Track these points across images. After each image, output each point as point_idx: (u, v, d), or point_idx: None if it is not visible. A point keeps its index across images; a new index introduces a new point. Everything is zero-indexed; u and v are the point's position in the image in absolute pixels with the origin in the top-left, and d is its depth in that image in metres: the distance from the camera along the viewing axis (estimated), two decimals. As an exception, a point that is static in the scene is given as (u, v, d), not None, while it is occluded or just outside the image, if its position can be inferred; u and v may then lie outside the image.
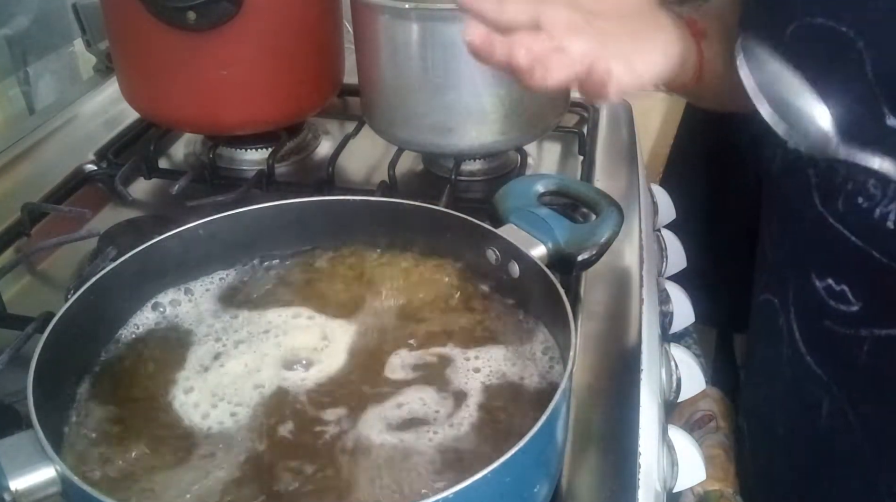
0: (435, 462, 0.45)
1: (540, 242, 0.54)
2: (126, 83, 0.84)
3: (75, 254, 0.72)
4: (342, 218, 0.60)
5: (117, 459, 0.45)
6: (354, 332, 0.54)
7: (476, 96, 0.74)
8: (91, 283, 0.51)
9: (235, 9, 0.74)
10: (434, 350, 0.52)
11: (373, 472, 0.44)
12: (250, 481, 0.44)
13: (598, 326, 0.64)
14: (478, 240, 0.56)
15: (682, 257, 0.81)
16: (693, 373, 0.65)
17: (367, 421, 0.47)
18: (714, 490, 0.77)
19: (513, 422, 0.47)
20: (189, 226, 0.56)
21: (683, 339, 0.93)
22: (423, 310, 0.56)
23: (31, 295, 0.69)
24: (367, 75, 0.79)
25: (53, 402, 0.47)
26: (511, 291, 0.56)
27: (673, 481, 0.57)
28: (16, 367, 0.56)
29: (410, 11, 0.72)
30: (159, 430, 0.47)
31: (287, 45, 0.79)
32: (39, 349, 0.45)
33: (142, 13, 0.73)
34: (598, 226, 0.56)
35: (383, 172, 0.80)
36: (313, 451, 0.46)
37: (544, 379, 0.50)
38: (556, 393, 0.42)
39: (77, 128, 0.94)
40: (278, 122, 0.85)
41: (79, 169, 0.85)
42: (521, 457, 0.39)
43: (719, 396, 0.87)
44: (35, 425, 0.41)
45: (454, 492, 0.37)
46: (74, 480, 0.39)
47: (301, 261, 0.60)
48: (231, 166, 0.87)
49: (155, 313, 0.56)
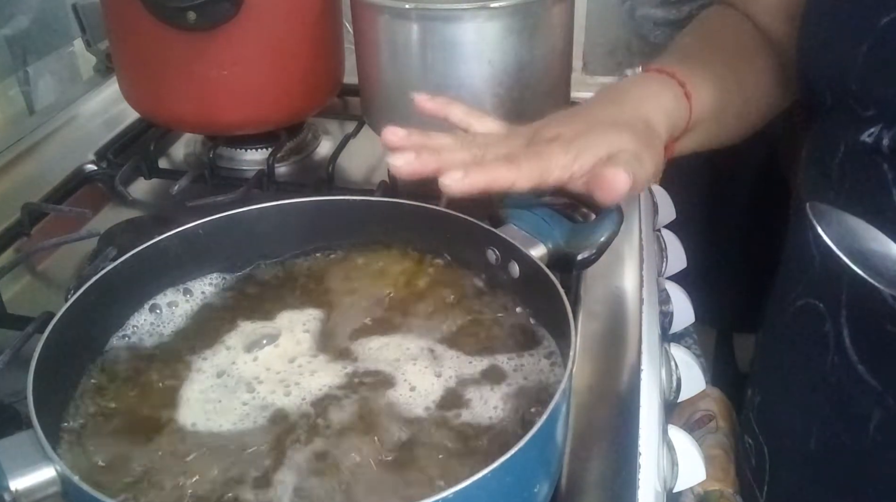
0: (434, 462, 0.45)
1: (540, 242, 0.54)
2: (126, 83, 0.84)
3: (75, 254, 0.72)
4: (342, 218, 0.60)
5: (117, 459, 0.45)
6: (354, 332, 0.54)
7: (476, 96, 0.74)
8: (91, 283, 0.51)
9: (235, 9, 0.74)
10: (432, 349, 0.52)
11: (373, 474, 0.44)
12: (251, 479, 0.44)
13: (598, 326, 0.64)
14: (478, 240, 0.56)
15: (682, 257, 0.81)
16: (693, 373, 0.65)
17: (367, 422, 0.47)
18: (714, 490, 0.77)
19: (512, 423, 0.47)
20: (189, 226, 0.56)
21: (683, 339, 0.93)
22: (423, 310, 0.56)
23: (31, 295, 0.70)
24: (367, 75, 0.79)
25: (53, 402, 0.47)
26: (511, 291, 0.56)
27: (673, 481, 0.57)
28: (16, 367, 0.56)
29: (410, 11, 0.72)
30: (160, 430, 0.47)
31: (287, 45, 0.79)
32: (39, 349, 0.45)
33: (142, 13, 0.73)
34: (597, 226, 0.56)
35: (383, 172, 0.80)
36: (314, 450, 0.46)
37: (544, 379, 0.50)
38: (556, 393, 0.42)
39: (77, 129, 0.94)
40: (278, 121, 0.85)
41: (79, 169, 0.85)
42: (521, 457, 0.39)
43: (719, 396, 0.87)
44: (35, 425, 0.41)
45: (454, 492, 0.37)
46: (74, 480, 0.39)
47: (301, 261, 0.60)
48: (231, 166, 0.87)
49: (154, 313, 0.56)
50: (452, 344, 0.53)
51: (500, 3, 0.71)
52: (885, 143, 0.57)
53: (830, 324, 0.63)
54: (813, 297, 0.66)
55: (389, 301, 0.57)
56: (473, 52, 0.73)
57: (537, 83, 0.76)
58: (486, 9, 0.71)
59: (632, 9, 1.17)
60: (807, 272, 0.68)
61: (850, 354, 0.61)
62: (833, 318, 0.63)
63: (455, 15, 0.71)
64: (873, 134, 0.58)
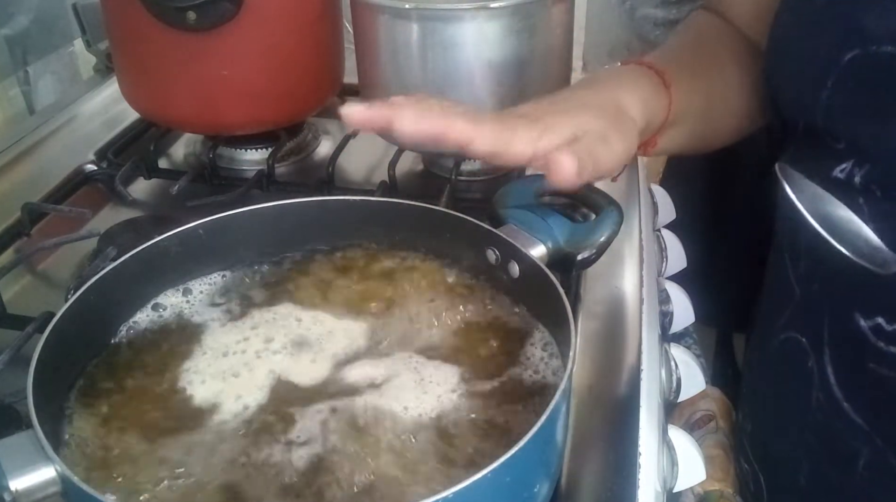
0: (434, 461, 0.45)
1: (540, 242, 0.54)
2: (126, 83, 0.84)
3: (75, 254, 0.72)
4: (342, 218, 0.60)
5: (117, 459, 0.45)
6: (354, 332, 0.54)
7: (476, 96, 0.74)
8: (91, 283, 0.51)
9: (235, 9, 0.74)
10: (432, 349, 0.52)
11: (374, 460, 0.44)
12: (252, 478, 0.44)
13: (598, 326, 0.64)
14: (478, 240, 0.56)
15: (682, 257, 0.81)
16: (693, 373, 0.65)
17: (367, 422, 0.47)
18: (714, 490, 0.77)
19: (513, 423, 0.47)
20: (189, 226, 0.56)
21: (683, 339, 0.93)
22: (423, 310, 0.56)
23: (31, 295, 0.69)
24: (367, 75, 0.79)
25: (53, 402, 0.47)
26: (511, 291, 0.56)
27: (673, 481, 0.57)
28: (16, 367, 0.56)
29: (410, 11, 0.72)
30: (159, 429, 0.47)
31: (287, 45, 0.79)
32: (39, 349, 0.45)
33: (142, 13, 0.73)
34: (597, 226, 0.56)
35: (383, 172, 0.80)
36: (316, 446, 0.46)
37: (544, 379, 0.50)
38: (556, 394, 0.42)
39: (77, 129, 0.94)
40: (278, 122, 0.85)
41: (79, 169, 0.85)
42: (521, 457, 0.39)
43: (719, 396, 0.87)
44: (35, 425, 0.41)
45: (454, 492, 0.37)
46: (74, 480, 0.39)
47: (301, 261, 0.60)
48: (231, 166, 0.87)
49: (155, 313, 0.56)
50: (451, 343, 0.53)
51: (500, 3, 0.71)
52: (857, 181, 0.55)
53: (814, 360, 0.62)
54: (795, 331, 0.65)
55: (390, 301, 0.57)
56: (473, 52, 0.73)
57: (537, 83, 0.76)
58: (486, 9, 0.71)
59: (632, 9, 1.17)
60: (788, 306, 0.66)
61: (836, 391, 0.60)
62: (816, 355, 0.62)
63: (455, 15, 0.71)
64: (845, 170, 0.56)
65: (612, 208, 0.57)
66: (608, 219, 0.57)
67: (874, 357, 0.56)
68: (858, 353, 0.57)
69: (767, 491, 0.73)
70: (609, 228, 0.56)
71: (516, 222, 0.56)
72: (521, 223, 0.55)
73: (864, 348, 0.57)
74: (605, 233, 0.56)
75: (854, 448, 0.60)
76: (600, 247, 0.55)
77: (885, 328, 0.55)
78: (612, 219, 0.57)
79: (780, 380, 0.69)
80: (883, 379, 0.56)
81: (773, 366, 0.70)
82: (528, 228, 0.55)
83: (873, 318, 0.56)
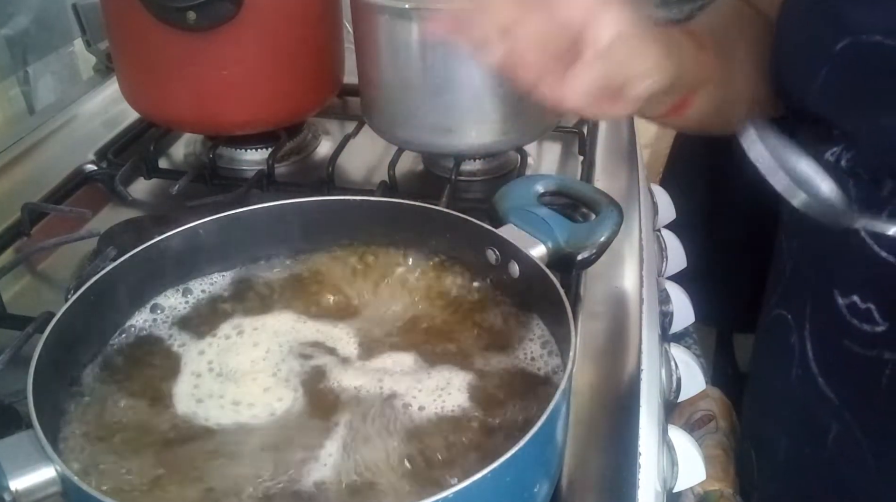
0: (433, 461, 0.45)
1: (540, 242, 0.54)
2: (126, 83, 0.84)
3: (75, 254, 0.72)
4: (342, 218, 0.60)
5: (117, 459, 0.45)
6: (354, 333, 0.54)
7: (476, 96, 0.74)
8: (91, 283, 0.51)
9: (235, 9, 0.74)
10: (433, 349, 0.52)
11: (372, 459, 0.44)
12: (250, 478, 0.44)
13: (598, 326, 0.64)
14: (478, 240, 0.56)
15: (682, 257, 0.81)
16: (693, 373, 0.65)
17: (367, 422, 0.47)
18: (714, 490, 0.77)
19: (512, 422, 0.47)
20: (189, 226, 0.56)
21: (683, 339, 0.94)
22: (423, 310, 0.56)
23: (31, 295, 0.69)
24: (367, 75, 0.79)
25: (53, 402, 0.47)
26: (511, 291, 0.56)
27: (673, 481, 0.57)
28: (16, 367, 0.56)
29: (410, 11, 0.72)
30: (159, 429, 0.47)
31: (287, 45, 0.79)
32: (39, 349, 0.45)
33: (142, 13, 0.73)
34: (597, 226, 0.56)
35: (383, 172, 0.80)
36: (316, 445, 0.46)
37: (544, 379, 0.50)
38: (556, 394, 0.42)
39: (77, 129, 0.94)
40: (278, 121, 0.85)
41: (79, 169, 0.85)
42: (521, 457, 0.39)
43: (719, 396, 0.87)
44: (35, 425, 0.41)
45: (454, 492, 0.37)
46: (74, 480, 0.39)
47: (301, 261, 0.60)
48: (231, 166, 0.87)
49: (155, 313, 0.56)
50: (451, 343, 0.53)
51: (500, 3, 0.71)
52: (843, 165, 0.57)
53: (796, 336, 0.63)
54: (783, 308, 0.66)
55: (389, 301, 0.57)
56: (473, 52, 0.73)
57: (537, 83, 0.76)
58: (486, 9, 0.71)
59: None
60: (780, 282, 0.68)
61: (812, 367, 0.61)
62: (798, 331, 0.63)
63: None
64: (835, 153, 0.57)
65: (612, 208, 0.57)
66: (608, 219, 0.57)
67: (848, 334, 0.58)
68: (835, 330, 0.59)
69: (758, 470, 0.74)
70: (609, 228, 0.56)
71: (516, 222, 0.56)
72: (521, 223, 0.55)
73: (840, 325, 0.58)
74: (605, 233, 0.56)
75: (825, 422, 0.61)
76: (600, 247, 0.55)
77: (859, 306, 0.57)
78: (612, 219, 0.57)
79: (766, 357, 0.71)
80: (855, 356, 0.58)
81: (762, 343, 0.72)
82: (528, 228, 0.55)
83: (849, 296, 0.58)
